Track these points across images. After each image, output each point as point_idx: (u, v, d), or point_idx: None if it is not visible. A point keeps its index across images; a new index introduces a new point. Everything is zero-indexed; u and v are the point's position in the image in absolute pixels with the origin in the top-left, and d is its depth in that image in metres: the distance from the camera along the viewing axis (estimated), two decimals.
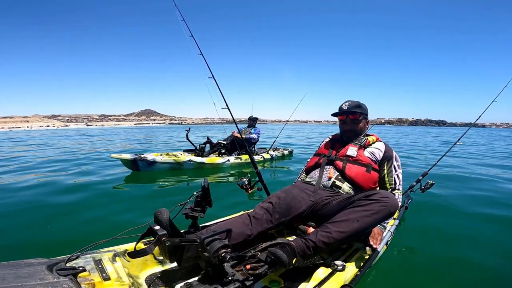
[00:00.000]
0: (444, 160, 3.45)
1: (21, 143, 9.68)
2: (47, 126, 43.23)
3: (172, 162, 4.11)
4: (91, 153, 6.45)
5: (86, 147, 7.86)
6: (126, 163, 3.89)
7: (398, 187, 1.53)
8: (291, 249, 1.08)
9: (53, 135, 15.30)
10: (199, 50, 2.23)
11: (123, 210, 2.39)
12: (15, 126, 38.85)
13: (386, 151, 1.57)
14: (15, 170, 4.22)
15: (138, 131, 21.90)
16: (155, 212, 0.97)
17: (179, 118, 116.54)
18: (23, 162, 5.01)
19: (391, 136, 16.50)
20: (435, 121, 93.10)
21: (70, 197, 2.70)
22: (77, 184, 3.31)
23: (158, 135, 15.54)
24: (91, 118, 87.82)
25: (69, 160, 5.24)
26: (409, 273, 1.50)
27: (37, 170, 4.23)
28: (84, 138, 12.33)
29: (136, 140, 11.51)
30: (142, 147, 8.19)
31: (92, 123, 61.36)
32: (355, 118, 1.60)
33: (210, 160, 4.39)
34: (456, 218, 2.33)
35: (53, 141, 10.78)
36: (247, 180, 1.72)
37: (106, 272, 0.91)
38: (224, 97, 2.21)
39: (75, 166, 4.56)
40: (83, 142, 9.88)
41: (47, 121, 66.78)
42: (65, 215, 2.24)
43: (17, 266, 0.76)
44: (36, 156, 6.01)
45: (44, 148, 7.89)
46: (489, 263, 1.61)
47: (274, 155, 5.39)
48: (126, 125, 52.65)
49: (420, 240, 1.90)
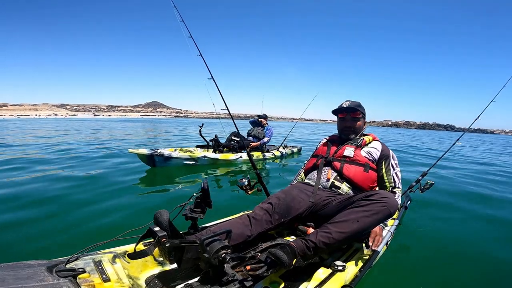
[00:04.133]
0: (444, 160, 3.46)
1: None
2: (55, 114, 43.12)
3: (187, 157, 4.16)
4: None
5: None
6: (143, 158, 3.91)
7: (398, 186, 1.53)
8: (291, 249, 1.08)
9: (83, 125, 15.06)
10: (198, 51, 2.24)
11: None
12: (23, 114, 38.66)
13: (383, 150, 1.58)
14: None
15: (144, 123, 21.67)
16: (154, 213, 0.98)
17: (185, 111, 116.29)
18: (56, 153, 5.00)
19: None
20: (443, 125, 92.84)
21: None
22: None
23: (170, 130, 15.21)
24: (99, 108, 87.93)
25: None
26: (409, 273, 1.51)
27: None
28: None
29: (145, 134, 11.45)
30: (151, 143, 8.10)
31: (99, 113, 61.24)
32: (355, 115, 1.63)
33: (223, 156, 4.47)
34: (455, 218, 2.33)
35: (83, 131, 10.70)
36: (247, 181, 1.72)
37: (106, 273, 0.91)
38: (223, 98, 2.21)
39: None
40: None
41: (56, 109, 66.81)
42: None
43: (17, 267, 0.76)
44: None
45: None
46: (489, 262, 1.62)
47: (284, 153, 5.52)
48: (133, 116, 52.61)
49: (420, 240, 1.90)
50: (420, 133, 28.32)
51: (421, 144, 11.59)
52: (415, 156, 7.04)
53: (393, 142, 12.05)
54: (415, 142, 12.99)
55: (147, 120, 35.35)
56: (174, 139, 9.50)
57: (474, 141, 16.42)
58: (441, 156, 2.76)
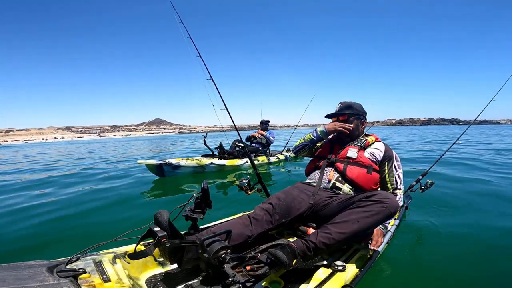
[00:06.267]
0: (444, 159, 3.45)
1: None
2: (61, 138, 43.37)
3: (195, 165, 4.25)
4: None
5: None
6: (152, 169, 4.00)
7: (399, 187, 1.53)
8: (291, 250, 1.08)
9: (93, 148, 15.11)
10: (198, 52, 2.24)
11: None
12: (30, 139, 38.91)
13: (386, 151, 1.57)
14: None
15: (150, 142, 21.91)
16: (155, 214, 0.98)
17: (188, 127, 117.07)
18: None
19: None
20: (448, 119, 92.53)
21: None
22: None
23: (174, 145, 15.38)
24: (103, 129, 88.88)
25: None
26: (409, 273, 1.50)
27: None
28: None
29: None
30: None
31: (104, 133, 61.70)
32: (344, 119, 1.64)
33: (230, 162, 4.59)
34: (456, 218, 2.32)
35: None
36: (247, 181, 1.72)
37: (106, 273, 0.91)
38: (223, 98, 2.21)
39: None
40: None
41: (62, 132, 67.36)
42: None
43: (18, 268, 0.77)
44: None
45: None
46: (490, 263, 1.61)
47: (288, 156, 5.68)
48: (137, 135, 52.60)
49: (421, 240, 1.90)
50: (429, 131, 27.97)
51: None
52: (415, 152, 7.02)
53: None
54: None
55: (152, 138, 35.50)
56: (181, 152, 9.62)
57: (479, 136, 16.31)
58: (442, 155, 2.74)
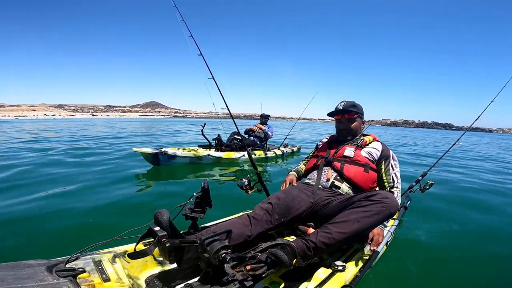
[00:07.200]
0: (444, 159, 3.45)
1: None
2: (53, 115, 42.97)
3: (191, 156, 4.18)
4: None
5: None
6: (147, 157, 3.91)
7: (396, 185, 1.53)
8: (291, 249, 1.08)
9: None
10: (199, 51, 2.23)
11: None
12: (21, 115, 38.58)
13: (383, 150, 1.58)
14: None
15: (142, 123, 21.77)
16: (155, 213, 0.97)
17: (184, 111, 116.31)
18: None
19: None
20: (442, 124, 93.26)
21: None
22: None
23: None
24: (97, 108, 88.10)
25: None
26: (409, 273, 1.50)
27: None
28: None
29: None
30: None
31: (97, 113, 61.30)
32: (350, 117, 1.63)
33: (227, 154, 4.52)
34: (455, 218, 2.33)
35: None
36: (247, 180, 1.72)
37: (106, 273, 0.91)
38: (224, 98, 2.21)
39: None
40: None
41: (54, 110, 66.94)
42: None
43: (17, 267, 0.76)
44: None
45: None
46: (489, 263, 1.62)
47: (285, 151, 5.62)
48: (131, 116, 52.21)
49: (420, 240, 1.90)
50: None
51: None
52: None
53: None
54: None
55: (146, 120, 35.38)
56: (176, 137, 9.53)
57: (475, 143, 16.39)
58: (441, 156, 2.75)
